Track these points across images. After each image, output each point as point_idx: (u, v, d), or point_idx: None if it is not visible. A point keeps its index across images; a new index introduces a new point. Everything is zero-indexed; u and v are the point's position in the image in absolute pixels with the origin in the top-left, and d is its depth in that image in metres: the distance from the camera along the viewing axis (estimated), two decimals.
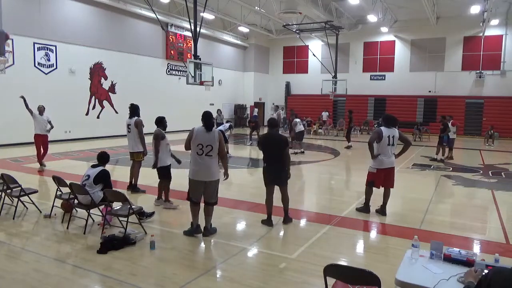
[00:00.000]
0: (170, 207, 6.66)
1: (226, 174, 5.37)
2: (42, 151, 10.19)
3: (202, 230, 5.34)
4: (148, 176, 9.06)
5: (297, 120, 14.42)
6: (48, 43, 15.64)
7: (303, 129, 14.69)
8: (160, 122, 6.93)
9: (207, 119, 5.20)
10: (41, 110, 10.17)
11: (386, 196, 6.53)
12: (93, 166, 5.73)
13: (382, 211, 6.51)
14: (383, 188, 6.54)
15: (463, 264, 2.86)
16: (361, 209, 6.65)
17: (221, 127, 13.47)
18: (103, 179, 5.56)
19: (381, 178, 6.43)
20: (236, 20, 23.10)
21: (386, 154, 6.34)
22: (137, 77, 19.59)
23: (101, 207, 5.62)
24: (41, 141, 10.11)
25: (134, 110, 7.66)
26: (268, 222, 5.82)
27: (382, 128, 6.38)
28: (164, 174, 6.74)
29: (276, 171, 5.79)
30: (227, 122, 14.48)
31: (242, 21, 23.04)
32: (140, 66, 19.84)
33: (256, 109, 26.44)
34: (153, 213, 6.11)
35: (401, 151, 6.57)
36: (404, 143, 6.56)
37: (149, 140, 7.05)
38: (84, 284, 4.00)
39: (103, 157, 5.85)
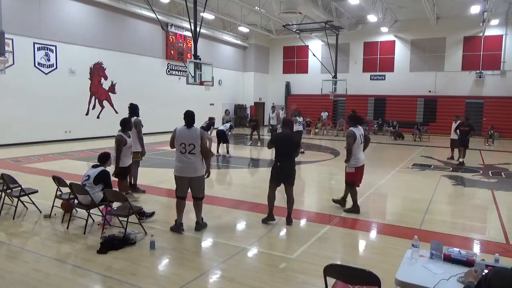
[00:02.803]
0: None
1: (207, 172, 5.46)
2: None
3: (195, 225, 5.54)
4: (148, 176, 9.08)
5: (298, 119, 14.32)
6: (48, 43, 15.63)
7: (301, 129, 14.56)
8: (128, 123, 6.95)
9: (188, 118, 5.30)
10: None
11: (348, 191, 6.74)
12: (94, 167, 5.73)
13: (342, 203, 6.80)
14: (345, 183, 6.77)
15: (463, 264, 2.86)
16: (350, 210, 6.65)
17: (222, 127, 13.50)
18: (103, 179, 5.56)
19: (359, 176, 6.63)
20: (236, 20, 23.09)
21: (360, 152, 6.59)
22: (137, 77, 19.59)
23: (101, 207, 5.62)
24: None
25: (133, 109, 7.65)
26: (270, 218, 5.90)
27: (353, 129, 6.55)
28: (124, 173, 6.88)
29: (288, 170, 5.86)
30: (227, 122, 14.47)
31: (242, 21, 23.04)
32: (140, 66, 19.84)
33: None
34: (153, 213, 6.12)
35: (363, 148, 6.80)
36: (365, 140, 6.81)
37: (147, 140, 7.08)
38: (84, 284, 4.00)
39: (104, 157, 5.85)
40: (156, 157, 12.43)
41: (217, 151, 13.49)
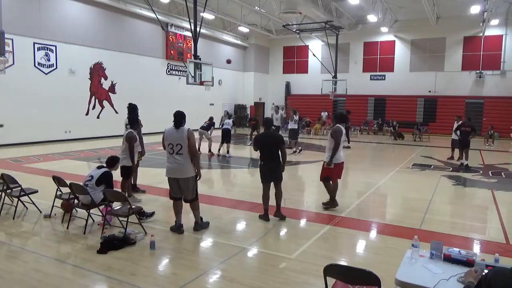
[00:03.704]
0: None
1: (198, 174, 5.40)
2: None
3: (194, 226, 5.54)
4: (148, 176, 9.08)
5: (295, 117, 14.30)
6: (48, 43, 15.63)
7: (296, 127, 14.52)
8: (136, 121, 7.06)
9: (176, 118, 5.27)
10: None
11: (336, 189, 6.88)
12: (98, 168, 5.74)
13: (332, 203, 6.83)
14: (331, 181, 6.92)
15: (463, 264, 2.86)
16: (328, 203, 6.79)
17: (226, 125, 13.49)
18: (106, 180, 5.57)
19: (336, 172, 6.80)
20: (236, 20, 23.10)
21: (341, 149, 6.79)
22: (137, 77, 19.60)
23: (101, 207, 5.62)
24: None
25: (132, 109, 7.64)
26: (265, 217, 6.07)
27: (339, 125, 6.76)
28: (127, 173, 6.79)
29: (272, 169, 6.02)
30: (228, 117, 14.34)
31: (242, 21, 23.04)
32: (140, 66, 19.85)
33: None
34: (153, 213, 6.12)
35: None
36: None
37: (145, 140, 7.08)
38: (84, 284, 3.99)
39: (113, 161, 5.89)
40: (156, 157, 12.43)
41: (218, 151, 13.48)
